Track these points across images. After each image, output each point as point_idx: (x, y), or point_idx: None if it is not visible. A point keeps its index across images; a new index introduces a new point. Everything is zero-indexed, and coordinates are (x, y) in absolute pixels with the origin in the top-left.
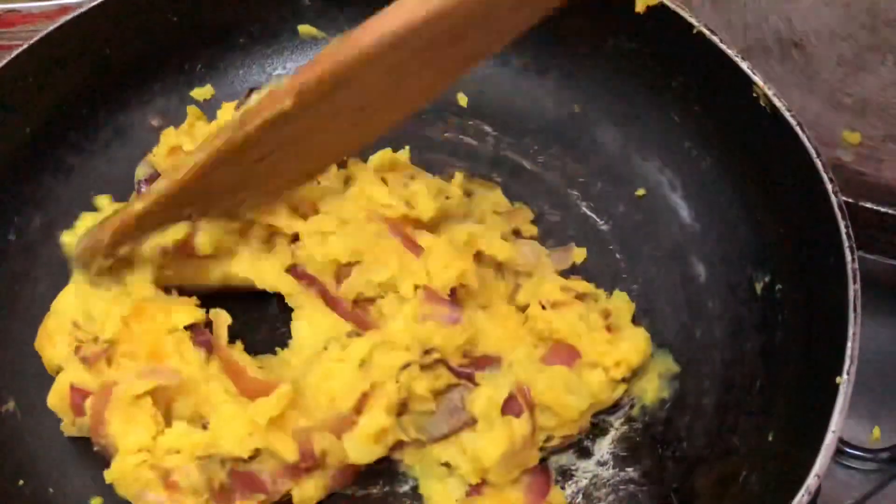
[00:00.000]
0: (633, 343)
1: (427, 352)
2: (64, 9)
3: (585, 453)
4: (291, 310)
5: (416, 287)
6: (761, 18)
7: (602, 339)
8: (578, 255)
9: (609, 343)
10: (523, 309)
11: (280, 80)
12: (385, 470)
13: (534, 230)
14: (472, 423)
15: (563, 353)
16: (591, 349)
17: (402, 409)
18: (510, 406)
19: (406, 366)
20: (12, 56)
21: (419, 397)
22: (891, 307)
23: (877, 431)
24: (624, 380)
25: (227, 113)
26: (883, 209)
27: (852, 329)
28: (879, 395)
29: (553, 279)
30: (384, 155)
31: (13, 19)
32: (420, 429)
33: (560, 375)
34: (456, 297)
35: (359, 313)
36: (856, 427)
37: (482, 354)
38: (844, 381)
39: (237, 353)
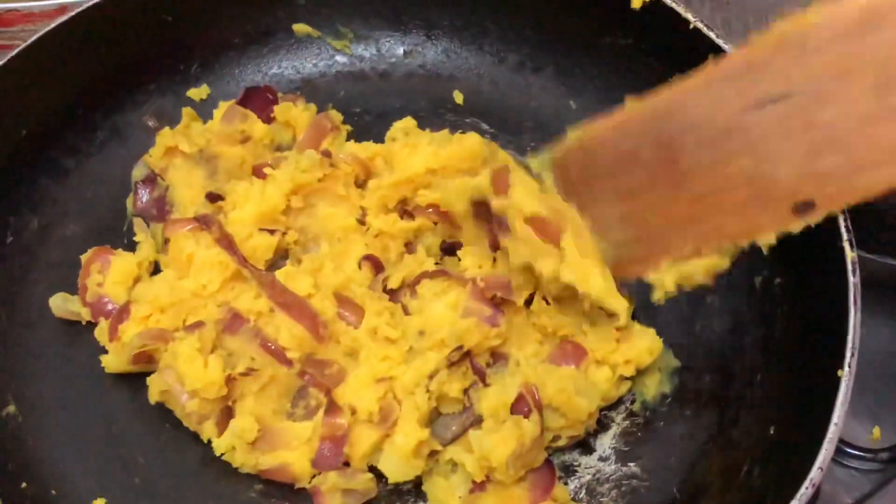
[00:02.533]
0: (646, 342)
1: (457, 347)
2: (62, 8)
3: (588, 449)
4: None
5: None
6: (760, 18)
7: (610, 336)
8: None
9: (618, 341)
10: (527, 304)
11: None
12: None
13: None
14: (478, 421)
15: (571, 351)
16: (598, 347)
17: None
18: (518, 406)
19: (433, 375)
20: (10, 56)
21: (451, 399)
22: (891, 307)
23: (877, 431)
24: (629, 377)
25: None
26: (883, 208)
27: (853, 321)
28: (879, 395)
29: None
30: (408, 121)
31: (12, 19)
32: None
33: (569, 377)
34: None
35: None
36: (856, 427)
37: (492, 351)
38: (846, 373)
39: None
